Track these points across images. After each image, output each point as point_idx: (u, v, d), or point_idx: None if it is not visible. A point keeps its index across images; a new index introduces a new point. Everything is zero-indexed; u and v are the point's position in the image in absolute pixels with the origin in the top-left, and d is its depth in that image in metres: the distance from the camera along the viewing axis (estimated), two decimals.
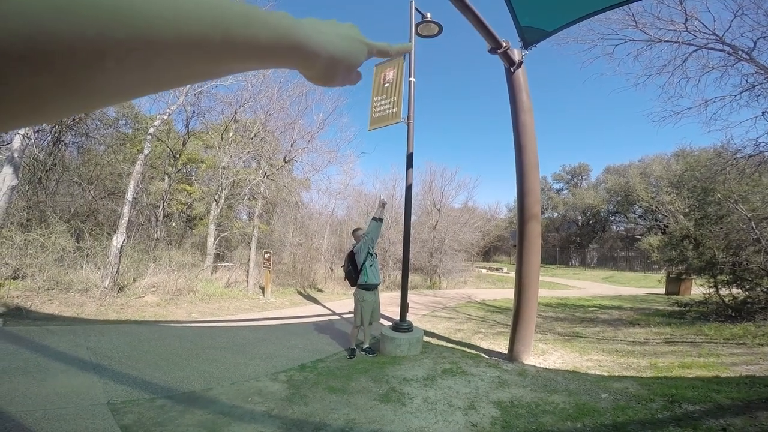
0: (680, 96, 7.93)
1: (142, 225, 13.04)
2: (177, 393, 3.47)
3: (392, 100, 6.30)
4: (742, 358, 4.58)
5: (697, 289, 8.72)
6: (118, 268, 7.71)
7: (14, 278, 6.76)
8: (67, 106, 0.22)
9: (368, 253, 4.95)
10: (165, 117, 9.87)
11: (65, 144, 10.05)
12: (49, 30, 0.18)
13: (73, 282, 7.14)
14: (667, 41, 7.39)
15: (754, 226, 6.89)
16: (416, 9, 5.88)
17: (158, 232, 13.36)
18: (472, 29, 4.33)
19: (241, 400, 3.38)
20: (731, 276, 7.24)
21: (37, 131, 7.68)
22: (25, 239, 7.48)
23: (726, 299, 7.32)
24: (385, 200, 5.14)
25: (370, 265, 4.94)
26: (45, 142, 9.13)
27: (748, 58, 6.73)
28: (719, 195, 7.94)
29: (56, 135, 9.15)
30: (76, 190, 11.69)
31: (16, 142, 6.74)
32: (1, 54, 0.17)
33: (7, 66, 0.17)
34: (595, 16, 4.70)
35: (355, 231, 5.23)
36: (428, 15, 5.79)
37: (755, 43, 6.59)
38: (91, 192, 11.76)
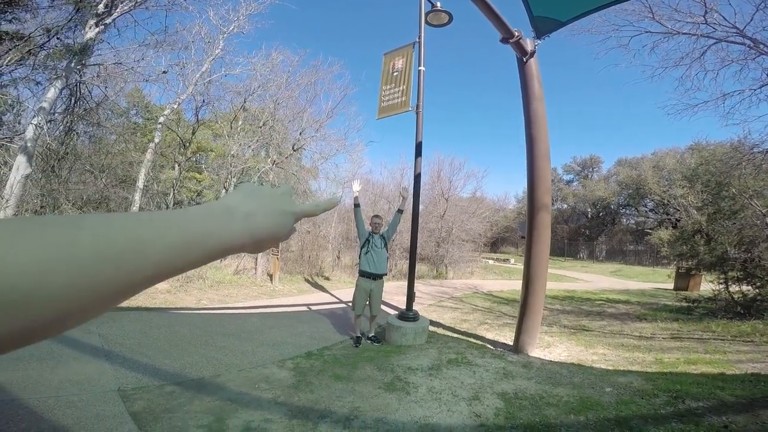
0: (697, 89, 7.73)
1: None
2: (186, 380, 3.54)
3: (401, 89, 6.27)
4: (748, 355, 4.55)
5: (707, 285, 8.63)
6: None
7: None
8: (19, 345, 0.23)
9: (366, 240, 5.09)
10: (175, 106, 9.95)
11: (77, 133, 10.14)
12: None
13: None
14: (685, 33, 7.18)
15: None
16: None
17: None
18: (483, 18, 4.27)
19: (249, 387, 3.45)
20: (742, 272, 7.14)
21: (49, 121, 7.77)
22: None
23: (736, 296, 7.23)
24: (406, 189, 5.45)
25: (366, 252, 5.07)
26: (57, 132, 9.23)
27: None
28: (734, 190, 7.79)
29: (68, 125, 9.25)
30: (88, 178, 11.84)
31: (29, 132, 6.84)
32: None
33: None
34: (611, 7, 4.60)
35: (373, 218, 5.28)
36: (438, 4, 5.71)
37: None
38: (103, 180, 11.91)
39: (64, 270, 0.22)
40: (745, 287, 7.19)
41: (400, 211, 5.40)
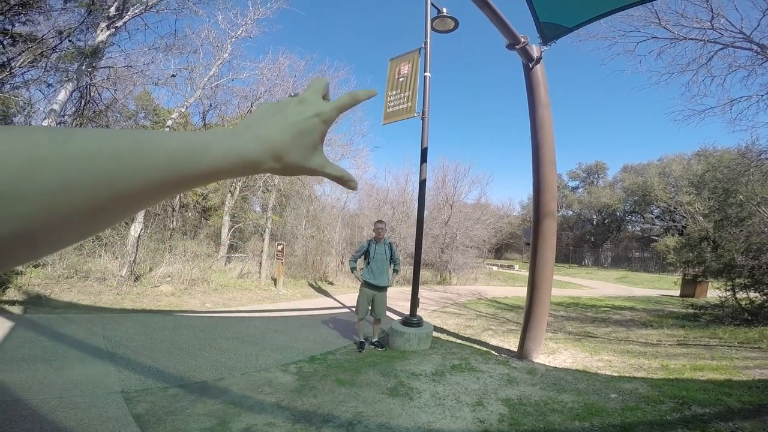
0: (704, 95, 7.74)
1: (159, 215, 13.28)
2: (189, 382, 3.55)
3: (407, 94, 6.29)
4: (756, 362, 4.50)
5: (713, 292, 8.55)
6: (135, 258, 7.89)
7: (35, 266, 6.97)
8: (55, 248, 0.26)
9: (366, 251, 5.18)
10: (183, 110, 10.02)
11: None
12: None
13: (91, 270, 7.33)
14: (691, 39, 7.19)
15: None
16: (432, 4, 5.83)
17: (174, 222, 13.62)
18: (489, 24, 4.29)
19: (252, 391, 3.45)
20: (750, 279, 7.08)
21: (59, 123, 7.85)
22: None
23: (743, 303, 7.17)
24: None
25: (368, 264, 5.15)
26: None
27: None
28: (741, 196, 7.74)
29: (78, 127, 9.36)
30: None
31: None
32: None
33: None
34: (617, 13, 4.60)
35: (376, 223, 5.29)
36: (444, 10, 5.75)
37: None
38: None
39: (55, 162, 0.22)
40: (752, 294, 7.14)
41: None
